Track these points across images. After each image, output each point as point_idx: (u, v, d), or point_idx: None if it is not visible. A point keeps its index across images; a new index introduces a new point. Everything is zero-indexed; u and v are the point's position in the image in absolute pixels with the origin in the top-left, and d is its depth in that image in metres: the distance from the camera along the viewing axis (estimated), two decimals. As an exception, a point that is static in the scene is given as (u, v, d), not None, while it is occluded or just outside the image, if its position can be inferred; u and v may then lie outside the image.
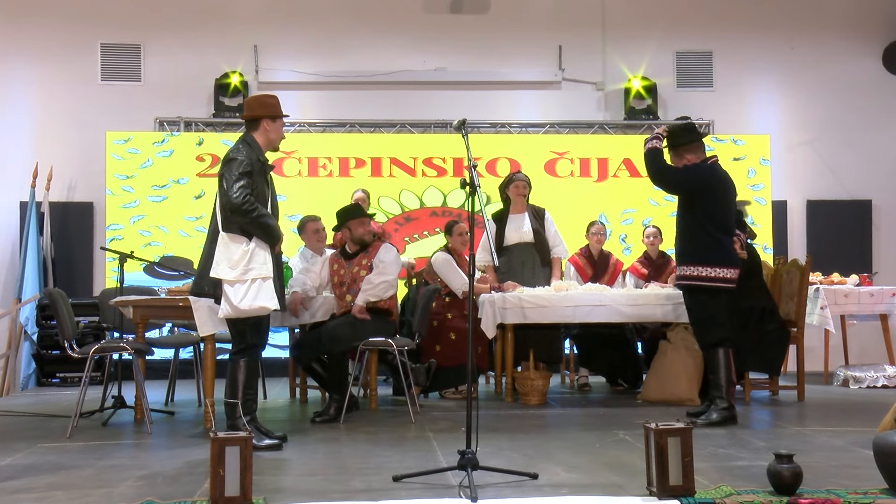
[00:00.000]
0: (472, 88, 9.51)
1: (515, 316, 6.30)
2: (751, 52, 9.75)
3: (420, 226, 9.13)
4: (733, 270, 5.40)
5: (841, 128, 9.74)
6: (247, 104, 4.94)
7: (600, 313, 6.33)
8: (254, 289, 4.55)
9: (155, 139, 9.02)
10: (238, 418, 4.54)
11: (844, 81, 9.76)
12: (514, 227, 7.09)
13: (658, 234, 7.47)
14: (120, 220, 8.88)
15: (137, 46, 9.31)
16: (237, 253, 4.57)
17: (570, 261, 7.44)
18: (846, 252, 9.35)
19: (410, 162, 9.19)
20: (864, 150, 9.73)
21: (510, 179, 7.19)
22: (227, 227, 4.59)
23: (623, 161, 9.29)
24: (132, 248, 7.51)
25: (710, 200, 5.38)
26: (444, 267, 6.78)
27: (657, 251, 7.48)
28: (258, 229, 4.59)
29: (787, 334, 6.43)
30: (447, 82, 9.48)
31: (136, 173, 8.93)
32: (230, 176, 4.53)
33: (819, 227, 9.57)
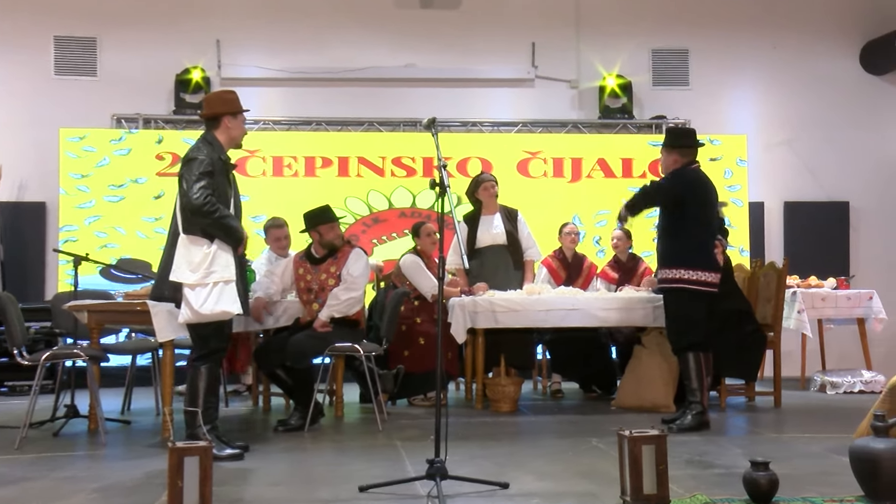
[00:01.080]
0: (442, 86, 9.51)
1: (486, 320, 6.31)
2: (728, 51, 9.84)
3: (388, 227, 9.11)
4: (715, 275, 5.49)
5: (819, 127, 9.85)
6: (206, 101, 4.92)
7: (574, 317, 6.35)
8: (216, 292, 4.53)
9: (112, 137, 8.92)
10: (198, 427, 4.51)
11: (822, 81, 9.88)
12: (485, 228, 7.09)
13: (625, 237, 7.54)
14: (74, 221, 8.77)
15: (93, 39, 9.22)
16: (198, 255, 4.54)
17: (544, 263, 7.47)
18: (824, 255, 9.46)
19: (379, 161, 9.17)
20: (842, 151, 9.85)
21: (477, 182, 7.20)
22: (188, 229, 4.56)
23: (597, 161, 9.34)
24: (87, 250, 7.42)
25: (693, 204, 5.49)
26: (412, 270, 6.77)
27: (626, 254, 7.55)
28: (220, 231, 4.56)
29: (764, 338, 6.50)
30: (417, 79, 9.47)
31: (92, 172, 8.84)
32: (190, 176, 4.50)
33: (797, 229, 9.68)
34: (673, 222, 5.50)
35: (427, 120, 4.30)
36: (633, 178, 9.30)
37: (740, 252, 9.21)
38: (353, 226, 9.01)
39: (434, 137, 4.22)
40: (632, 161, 9.28)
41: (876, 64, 9.83)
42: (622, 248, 7.51)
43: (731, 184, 9.42)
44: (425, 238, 6.93)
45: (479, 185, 7.16)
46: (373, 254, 8.82)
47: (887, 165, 9.92)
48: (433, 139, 4.22)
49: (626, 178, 9.32)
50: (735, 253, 8.84)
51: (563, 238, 7.48)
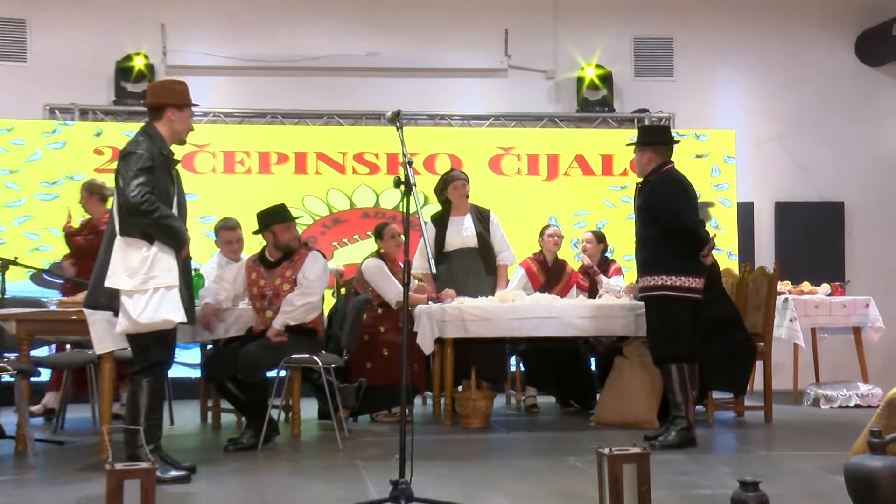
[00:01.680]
0: (408, 76, 9.50)
1: (455, 329, 6.31)
2: (715, 40, 9.91)
3: (350, 229, 9.09)
4: (699, 279, 5.54)
5: (812, 122, 9.93)
6: (150, 89, 4.89)
7: (550, 326, 6.37)
8: (156, 299, 4.49)
9: (44, 129, 8.81)
10: (140, 447, 4.46)
11: (816, 72, 9.97)
12: (455, 230, 7.10)
13: (595, 240, 7.59)
14: (2, 222, 8.66)
15: (22, 22, 9.10)
16: (136, 259, 4.50)
17: (522, 265, 7.50)
18: (817, 259, 9.54)
19: (339, 157, 9.15)
20: (836, 148, 9.94)
21: (446, 180, 7.19)
22: (126, 230, 4.52)
23: (575, 158, 9.38)
24: (16, 253, 7.31)
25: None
26: (375, 274, 6.76)
27: (599, 258, 7.63)
28: (160, 232, 4.53)
29: (753, 349, 6.55)
30: (381, 69, 9.45)
31: (22, 167, 8.72)
32: (127, 172, 4.47)
33: (788, 232, 9.77)
34: (651, 226, 5.57)
35: (391, 113, 4.29)
36: (613, 175, 9.36)
37: (728, 256, 9.29)
38: (311, 227, 8.98)
39: (399, 132, 4.21)
40: (612, 158, 9.33)
41: (873, 54, 9.93)
42: (593, 252, 7.58)
43: (718, 182, 9.50)
44: (389, 240, 6.92)
45: (448, 183, 7.16)
46: (332, 257, 8.80)
47: (885, 163, 10.04)
48: (398, 133, 4.21)
49: (605, 175, 9.38)
50: (723, 257, 8.91)
51: (544, 240, 7.52)
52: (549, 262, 7.54)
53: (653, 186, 5.61)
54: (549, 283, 7.44)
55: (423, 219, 4.24)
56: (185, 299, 4.60)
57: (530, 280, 7.44)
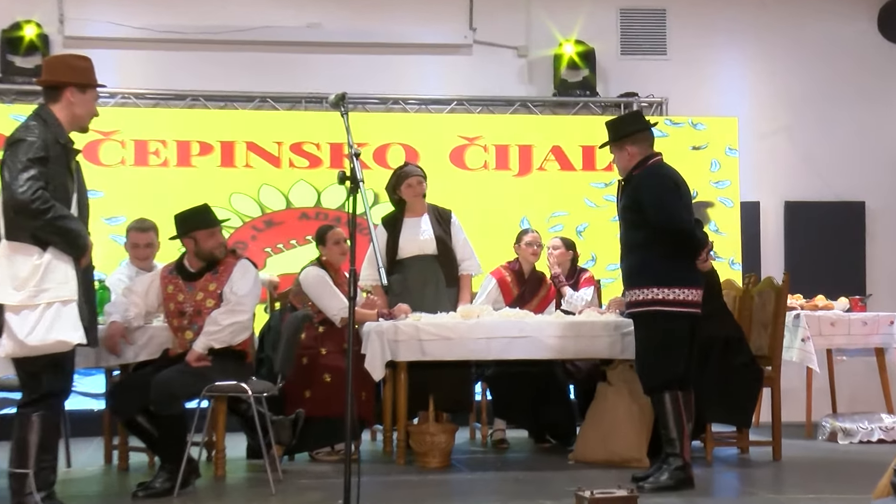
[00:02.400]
0: (355, 52, 9.48)
1: (411, 351, 6.29)
2: (715, 11, 9.97)
3: (286, 232, 9.06)
4: (695, 291, 5.56)
5: (828, 109, 9.99)
6: (46, 66, 4.86)
7: (521, 347, 6.37)
8: (49, 316, 4.45)
9: (-85, 111, 8.70)
10: (28, 495, 4.43)
11: (832, 50, 10.03)
12: (410, 234, 7.09)
13: (563, 246, 7.63)
14: None
15: None
16: (25, 268, 4.46)
17: (494, 274, 7.50)
18: (834, 268, 9.59)
19: (274, 148, 9.11)
20: (856, 139, 9.99)
21: (399, 176, 7.16)
22: (12, 234, 4.49)
23: (552, 149, 9.42)
24: None
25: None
26: (316, 286, 6.74)
27: (567, 267, 7.66)
28: (56, 235, 4.49)
29: (759, 374, 6.58)
30: (323, 43, 9.43)
31: None
32: (15, 164, 4.43)
33: (800, 237, 9.84)
34: (639, 232, 5.59)
35: (335, 96, 4.28)
36: (595, 170, 9.41)
37: (730, 265, 9.36)
38: (239, 230, 8.95)
39: (344, 118, 4.20)
40: (594, 149, 9.35)
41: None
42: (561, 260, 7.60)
43: (718, 178, 9.57)
44: (333, 246, 6.89)
45: (402, 179, 7.14)
46: (265, 266, 8.75)
47: (911, 157, 10.16)
48: (343, 120, 4.21)
49: (587, 170, 9.42)
50: (723, 266, 8.97)
51: (522, 248, 7.52)
52: (525, 272, 7.54)
53: (637, 182, 5.63)
54: (524, 297, 7.45)
55: (373, 221, 4.22)
56: (86, 317, 4.56)
57: (502, 292, 7.44)
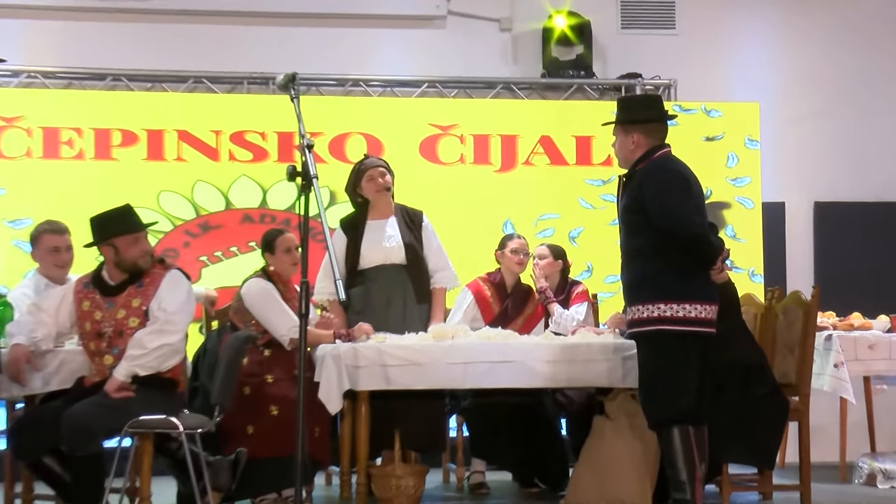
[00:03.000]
0: (307, 24, 9.50)
1: (373, 378, 6.28)
2: (732, -21, 10.06)
3: (225, 238, 9.04)
4: (709, 307, 5.60)
5: (866, 94, 10.04)
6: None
7: (504, 374, 6.35)
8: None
9: None
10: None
11: (872, 25, 10.07)
12: (374, 239, 7.04)
13: (551, 255, 7.64)
14: None
15: None
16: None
17: (470, 287, 7.49)
18: (873, 281, 9.59)
19: (210, 138, 9.10)
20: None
21: (359, 170, 7.12)
22: None
23: (540, 140, 9.44)
24: None
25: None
26: (261, 302, 6.71)
27: (556, 279, 7.69)
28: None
29: (785, 406, 6.59)
30: (269, 14, 9.44)
31: None
32: None
33: (833, 244, 9.86)
34: (643, 237, 5.63)
35: (284, 76, 4.29)
36: (592, 165, 9.45)
37: (750, 277, 9.41)
38: (169, 235, 8.94)
39: (294, 103, 4.21)
40: (591, 140, 9.41)
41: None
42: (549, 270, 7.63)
43: (736, 175, 9.61)
44: (282, 255, 6.87)
45: (363, 172, 7.12)
46: (200, 278, 8.74)
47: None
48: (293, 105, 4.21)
49: (582, 165, 9.46)
50: (742, 278, 9.02)
51: (505, 256, 7.52)
52: (508, 285, 7.56)
53: (641, 179, 5.66)
54: (507, 314, 7.46)
55: (329, 224, 4.24)
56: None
57: (480, 309, 7.45)
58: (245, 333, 6.38)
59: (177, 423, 5.58)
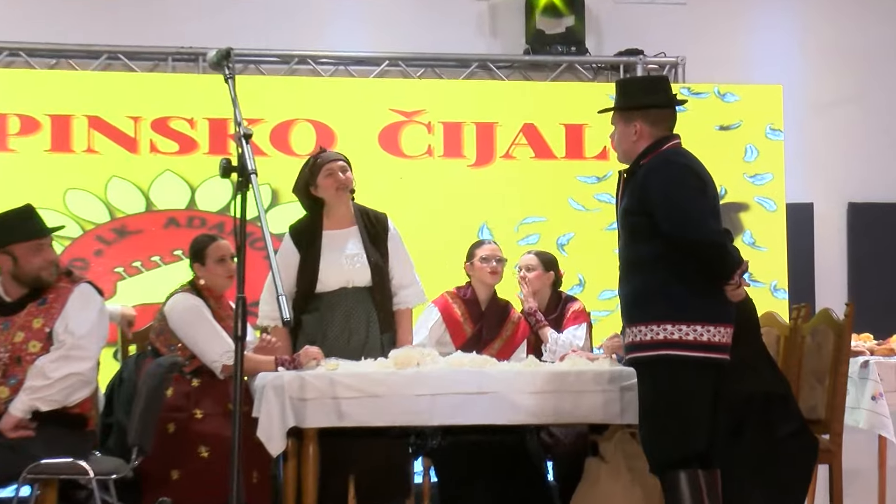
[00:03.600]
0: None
1: (323, 413, 6.25)
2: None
3: (146, 245, 9.05)
4: (723, 329, 5.61)
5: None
6: None
7: (480, 408, 6.34)
8: None
9: None
10: None
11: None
12: (334, 260, 6.98)
13: (541, 266, 7.62)
14: None
15: None
16: None
17: (437, 304, 7.48)
18: (914, 296, 9.73)
19: (128, 126, 9.10)
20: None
21: (316, 164, 7.02)
22: None
23: (523, 129, 9.49)
24: None
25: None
26: (189, 322, 6.70)
27: (547, 295, 7.70)
28: None
29: (813, 445, 6.62)
30: (199, -23, 9.48)
31: None
32: None
33: (869, 253, 9.93)
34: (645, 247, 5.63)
35: (217, 52, 4.29)
36: (584, 158, 9.50)
37: (772, 292, 9.47)
38: (78, 242, 8.95)
39: (229, 83, 4.21)
40: (583, 129, 9.46)
41: None
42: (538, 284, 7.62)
43: (755, 171, 9.67)
44: (214, 265, 6.85)
45: (319, 167, 7.04)
46: (116, 293, 8.72)
47: None
48: (228, 87, 4.20)
49: (572, 158, 9.52)
50: (763, 293, 9.07)
51: (476, 266, 7.49)
52: (482, 301, 7.55)
53: (645, 175, 5.65)
54: (481, 336, 7.46)
55: (270, 229, 4.23)
56: None
57: (449, 330, 7.45)
58: (169, 360, 6.37)
59: (86, 467, 5.57)
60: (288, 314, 4.16)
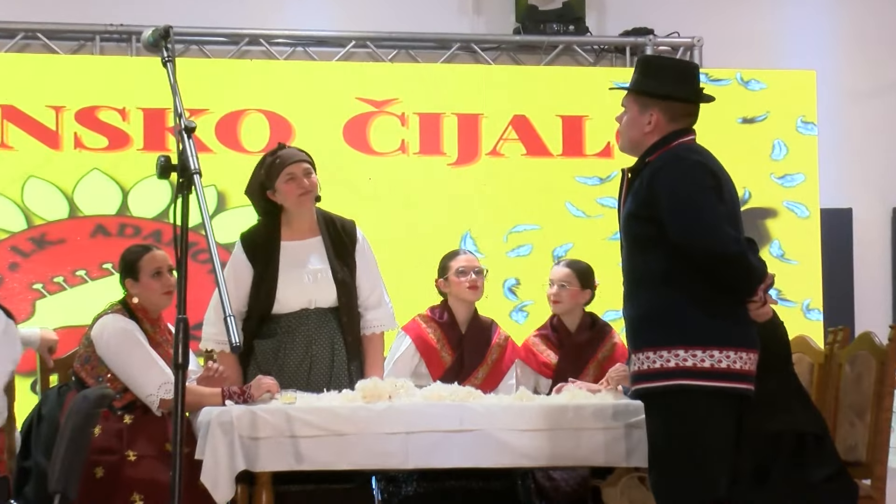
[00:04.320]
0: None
1: (278, 455, 6.25)
2: None
3: (69, 257, 9.06)
4: (746, 355, 5.62)
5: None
6: None
7: (463, 449, 6.35)
8: None
9: None
10: None
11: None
12: (295, 278, 6.96)
13: (577, 281, 7.61)
14: None
15: None
16: None
17: (410, 333, 7.51)
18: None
19: (48, 117, 9.12)
20: None
21: (275, 164, 6.97)
22: None
23: (512, 121, 9.53)
24: None
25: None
26: (120, 348, 6.69)
27: (580, 312, 7.68)
28: None
29: (852, 491, 6.64)
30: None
31: None
32: None
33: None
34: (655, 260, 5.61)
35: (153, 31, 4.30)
36: (585, 156, 9.55)
37: (804, 312, 9.51)
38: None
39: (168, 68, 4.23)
40: (583, 121, 9.49)
41: None
42: (571, 301, 7.59)
43: (784, 171, 9.71)
44: (150, 280, 6.83)
45: (279, 168, 7.00)
46: (34, 315, 8.72)
47: None
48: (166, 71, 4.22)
49: (571, 156, 9.57)
50: (794, 313, 9.10)
51: (452, 282, 7.50)
52: (460, 323, 7.57)
53: (653, 174, 5.64)
54: (462, 364, 7.49)
55: (216, 238, 4.25)
56: None
57: (425, 360, 7.46)
58: (97, 392, 6.34)
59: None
60: (237, 338, 4.15)
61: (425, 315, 7.59)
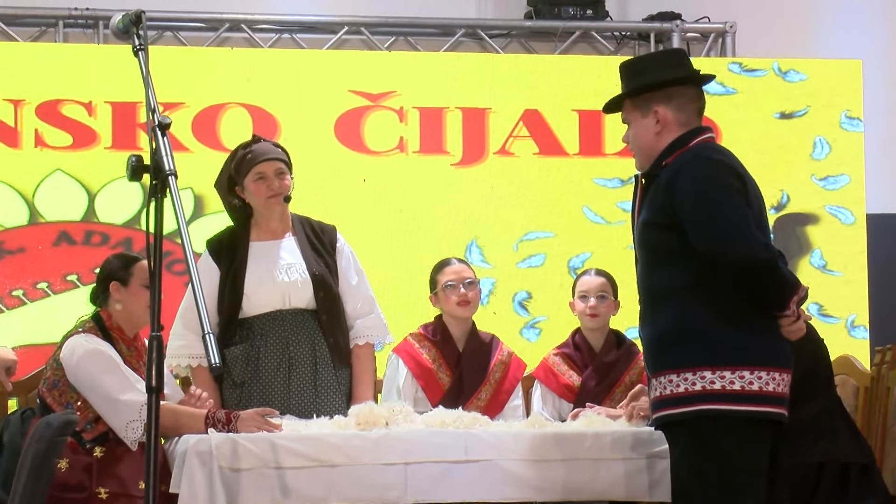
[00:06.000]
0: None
1: (263, 488, 6.24)
2: None
3: (30, 268, 9.09)
4: (780, 376, 5.62)
5: None
6: None
7: (468, 481, 6.34)
8: None
9: None
10: None
11: None
12: (263, 271, 6.99)
13: (610, 290, 7.62)
14: None
15: None
16: None
17: (401, 354, 7.54)
18: None
19: (6, 112, 9.16)
20: None
21: (245, 160, 6.98)
22: None
23: (523, 116, 9.58)
24: None
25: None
26: (91, 370, 6.70)
27: (605, 329, 7.70)
28: None
29: (902, 527, 6.73)
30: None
31: None
32: None
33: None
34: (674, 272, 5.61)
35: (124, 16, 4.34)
36: (604, 156, 9.60)
37: (849, 330, 9.52)
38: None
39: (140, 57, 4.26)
40: (602, 117, 9.47)
41: None
42: (603, 314, 7.62)
43: (827, 172, 9.70)
44: (141, 290, 6.81)
45: (251, 169, 7.08)
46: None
47: None
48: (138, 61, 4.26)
49: (588, 155, 9.62)
50: (836, 331, 9.12)
51: (441, 296, 7.56)
52: (457, 340, 7.61)
53: (670, 178, 5.63)
54: (461, 386, 7.53)
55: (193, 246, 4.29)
56: None
57: (422, 383, 7.49)
58: (62, 419, 6.31)
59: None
60: (216, 358, 4.15)
61: (417, 334, 7.61)
